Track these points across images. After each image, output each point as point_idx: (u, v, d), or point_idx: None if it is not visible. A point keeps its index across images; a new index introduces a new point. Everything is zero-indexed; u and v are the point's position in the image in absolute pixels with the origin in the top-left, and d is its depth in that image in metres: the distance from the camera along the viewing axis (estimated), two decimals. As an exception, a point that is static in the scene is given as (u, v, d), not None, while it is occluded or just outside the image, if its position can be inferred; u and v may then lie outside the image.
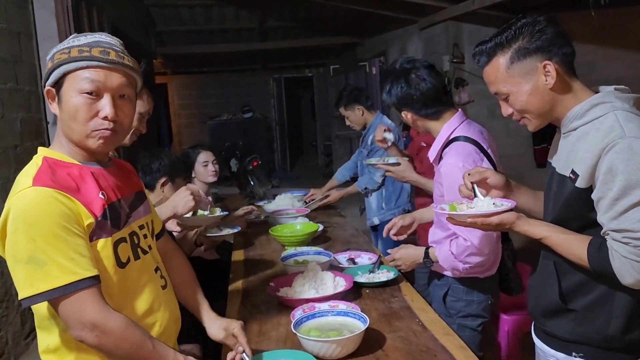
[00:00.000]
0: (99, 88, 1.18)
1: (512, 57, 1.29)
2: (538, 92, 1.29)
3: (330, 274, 1.95)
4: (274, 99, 11.53)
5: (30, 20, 3.56)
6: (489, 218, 1.31)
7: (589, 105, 1.25)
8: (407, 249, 1.99)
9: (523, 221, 1.31)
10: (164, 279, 1.39)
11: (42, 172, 1.14)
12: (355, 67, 8.16)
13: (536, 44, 1.27)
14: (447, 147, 1.88)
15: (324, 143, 11.23)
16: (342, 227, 3.04)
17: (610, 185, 1.16)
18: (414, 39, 6.39)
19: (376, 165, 2.60)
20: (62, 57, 1.17)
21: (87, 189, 1.18)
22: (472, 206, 1.36)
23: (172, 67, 10.40)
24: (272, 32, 8.71)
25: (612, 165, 1.16)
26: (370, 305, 1.83)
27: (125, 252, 1.25)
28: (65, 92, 1.18)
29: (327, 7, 6.92)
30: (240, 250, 2.72)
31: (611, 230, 1.19)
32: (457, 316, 1.92)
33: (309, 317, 1.60)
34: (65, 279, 1.09)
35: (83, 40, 1.20)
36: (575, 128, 1.28)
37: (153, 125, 7.32)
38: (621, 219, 1.16)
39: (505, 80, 1.32)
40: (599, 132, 1.21)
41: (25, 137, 3.27)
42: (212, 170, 3.11)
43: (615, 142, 1.16)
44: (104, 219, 1.19)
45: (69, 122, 1.19)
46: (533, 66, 1.28)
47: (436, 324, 1.66)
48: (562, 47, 1.27)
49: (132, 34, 6.06)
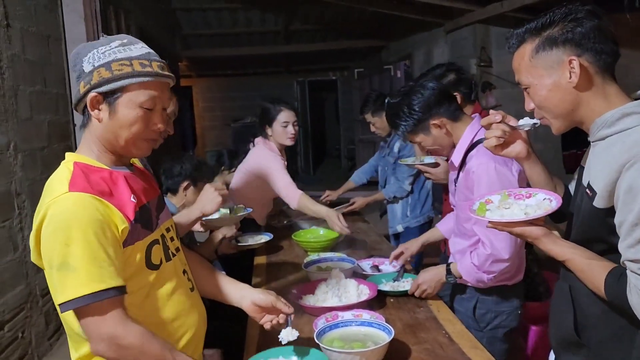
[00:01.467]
0: (156, 103, 1.22)
1: (539, 46, 1.16)
2: (559, 88, 1.15)
3: (354, 281, 1.90)
4: (297, 102, 11.51)
5: (59, 23, 3.61)
6: (511, 227, 1.20)
7: (620, 114, 1.10)
8: (426, 273, 1.92)
9: (549, 239, 1.18)
10: (191, 282, 1.40)
11: (76, 177, 1.15)
12: (379, 71, 8.10)
13: (566, 36, 1.13)
14: (470, 150, 1.83)
15: (348, 147, 11.18)
16: (365, 233, 3.00)
17: (632, 207, 1.01)
18: (440, 43, 6.30)
19: (414, 165, 2.55)
20: (124, 69, 1.17)
21: (120, 192, 1.19)
22: (507, 206, 1.26)
23: (197, 70, 10.49)
24: (297, 35, 8.71)
25: (633, 184, 1.01)
26: (395, 315, 1.78)
27: (158, 254, 1.26)
28: (122, 103, 1.19)
29: (352, 11, 6.89)
30: (262, 254, 2.69)
31: (628, 260, 1.04)
32: (488, 329, 1.86)
33: (332, 327, 1.56)
34: (93, 287, 1.08)
35: (135, 50, 1.21)
36: (604, 137, 1.13)
37: (177, 128, 7.38)
38: (638, 247, 1.01)
39: (528, 69, 1.19)
40: (624, 145, 1.06)
41: (53, 139, 3.31)
42: (291, 133, 2.85)
43: (638, 159, 1.01)
44: (136, 222, 1.19)
45: (119, 131, 1.21)
46: (559, 59, 1.14)
47: (463, 336, 1.61)
48: (598, 43, 1.12)
49: (158, 37, 6.13)
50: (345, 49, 9.02)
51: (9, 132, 2.78)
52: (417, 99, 1.83)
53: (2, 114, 2.72)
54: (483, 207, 1.28)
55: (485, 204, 1.30)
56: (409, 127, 1.86)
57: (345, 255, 2.33)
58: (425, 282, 1.90)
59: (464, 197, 1.84)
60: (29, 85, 3.06)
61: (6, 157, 2.75)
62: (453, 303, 1.99)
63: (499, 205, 1.28)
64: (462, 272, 1.82)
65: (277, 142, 2.89)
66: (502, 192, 1.32)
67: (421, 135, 1.87)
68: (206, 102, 11.29)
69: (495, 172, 1.70)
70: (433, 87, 1.85)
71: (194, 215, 1.81)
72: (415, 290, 1.91)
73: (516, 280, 1.84)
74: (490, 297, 1.84)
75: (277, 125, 2.84)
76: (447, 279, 1.87)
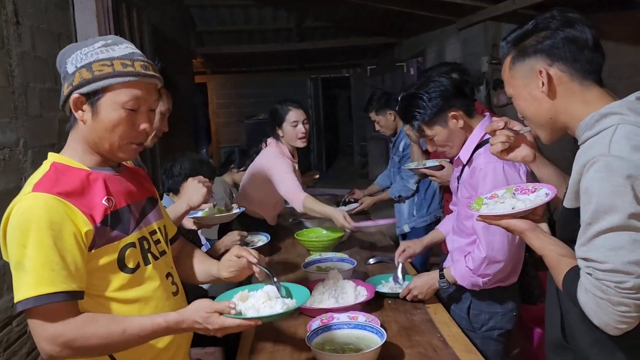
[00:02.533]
0: (140, 103, 1.21)
1: (515, 57, 1.19)
2: (535, 98, 1.17)
3: (352, 282, 1.90)
4: (311, 99, 11.52)
5: (70, 21, 3.65)
6: (498, 220, 1.21)
7: (599, 115, 1.09)
8: (419, 278, 1.92)
9: (533, 233, 1.18)
10: (176, 285, 1.38)
11: (45, 178, 1.15)
12: (392, 68, 8.07)
13: (536, 47, 1.15)
14: (479, 148, 1.81)
15: (360, 144, 11.15)
16: (369, 233, 2.98)
17: (587, 208, 1.02)
18: (452, 40, 6.25)
19: (419, 169, 2.53)
20: (105, 70, 1.17)
21: (92, 194, 1.18)
22: (502, 201, 1.27)
23: (211, 67, 10.54)
24: (310, 32, 8.70)
25: (589, 185, 1.02)
26: (391, 317, 1.78)
27: (135, 257, 1.24)
28: (104, 104, 1.18)
29: (365, 8, 6.85)
30: (265, 252, 2.70)
31: (580, 258, 1.05)
32: (481, 330, 1.85)
33: (325, 329, 1.56)
34: (41, 289, 1.07)
35: (118, 50, 1.20)
36: (585, 140, 1.12)
37: (192, 124, 7.43)
38: (589, 246, 1.01)
39: (509, 80, 1.22)
40: (595, 145, 1.06)
41: (63, 136, 3.35)
42: (302, 132, 2.75)
43: (595, 160, 1.02)
44: (104, 226, 1.17)
45: (103, 133, 1.20)
46: (531, 69, 1.16)
47: (458, 340, 1.60)
48: (570, 52, 1.12)
49: (172, 34, 6.17)
50: (358, 46, 8.98)
51: (18, 129, 2.82)
52: (436, 88, 1.80)
53: (12, 111, 2.76)
54: (480, 201, 1.30)
55: (482, 199, 1.31)
56: (427, 116, 1.81)
57: (347, 255, 2.32)
58: (416, 287, 1.89)
59: (467, 194, 1.82)
60: (39, 82, 3.10)
61: (16, 154, 2.79)
62: (449, 304, 1.98)
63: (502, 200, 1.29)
64: (456, 277, 1.81)
65: (289, 143, 2.82)
66: (510, 187, 1.34)
67: (437, 127, 1.83)
68: (221, 99, 11.34)
69: (502, 172, 1.69)
70: (452, 78, 1.82)
71: (181, 209, 1.81)
72: (406, 295, 1.90)
73: (510, 282, 1.82)
74: (483, 299, 1.83)
75: (287, 125, 2.77)
76: (440, 284, 1.86)
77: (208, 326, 1.17)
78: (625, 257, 0.96)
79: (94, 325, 1.11)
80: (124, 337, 1.13)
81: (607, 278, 0.98)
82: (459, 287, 1.88)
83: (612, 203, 0.98)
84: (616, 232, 0.98)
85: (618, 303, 0.97)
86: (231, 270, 1.41)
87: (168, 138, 5.65)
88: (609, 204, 0.98)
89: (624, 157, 0.99)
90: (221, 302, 1.22)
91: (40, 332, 1.09)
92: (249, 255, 1.38)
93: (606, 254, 0.98)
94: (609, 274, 0.97)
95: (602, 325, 1.01)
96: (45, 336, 1.09)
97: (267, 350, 1.59)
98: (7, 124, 2.68)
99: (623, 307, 0.97)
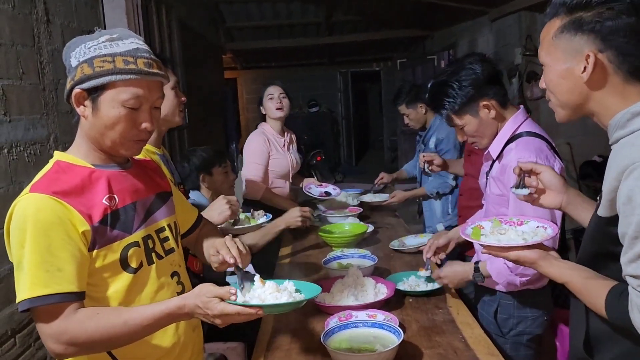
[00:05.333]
0: (141, 102, 1.18)
1: (565, 26, 1.05)
2: (571, 78, 1.06)
3: (372, 280, 1.87)
4: (340, 93, 11.47)
5: (100, 18, 3.71)
6: (506, 252, 1.17)
7: (631, 114, 1.00)
8: (453, 266, 1.84)
9: (546, 262, 1.12)
10: (182, 285, 1.35)
11: (44, 178, 1.15)
12: (423, 61, 7.93)
13: (594, 25, 1.01)
14: (510, 143, 1.74)
15: (390, 138, 11.04)
16: (394, 228, 2.94)
17: (631, 220, 0.92)
18: (484, 31, 6.09)
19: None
20: (105, 66, 1.14)
21: (93, 193, 1.17)
22: (503, 232, 1.22)
23: (241, 62, 10.61)
24: (339, 26, 8.64)
25: (631, 194, 0.92)
26: (412, 317, 1.73)
27: (138, 256, 1.22)
28: (104, 101, 1.16)
29: (395, 0, 6.76)
30: (288, 247, 2.69)
31: (629, 276, 0.96)
32: (510, 335, 1.78)
33: (342, 328, 1.53)
34: (36, 291, 1.06)
35: (122, 46, 1.16)
36: (618, 140, 1.03)
37: (221, 119, 7.50)
38: (639, 262, 0.93)
39: (549, 47, 1.10)
40: (632, 148, 0.96)
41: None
42: (277, 103, 2.99)
43: (636, 166, 0.92)
44: (102, 225, 1.15)
45: (104, 130, 1.18)
46: (579, 48, 1.03)
47: (480, 342, 1.54)
48: (627, 44, 1.00)
49: (201, 30, 6.22)
50: (388, 39, 8.87)
51: (49, 125, 2.89)
52: (467, 76, 1.73)
53: (43, 107, 2.83)
54: (477, 232, 1.26)
55: (479, 229, 1.28)
56: (457, 105, 1.74)
57: (369, 252, 2.29)
58: (447, 276, 1.83)
59: (498, 191, 1.75)
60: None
61: (47, 150, 2.86)
62: (477, 305, 1.92)
63: (492, 231, 1.26)
64: (492, 273, 1.72)
65: (270, 117, 3.07)
66: (492, 219, 1.31)
67: (468, 116, 1.76)
68: (250, 94, 11.40)
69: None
70: (484, 66, 1.74)
71: None
72: (437, 279, 1.86)
73: (540, 285, 1.75)
74: (511, 302, 1.76)
75: (265, 101, 3.06)
76: (475, 277, 1.78)
77: (207, 311, 1.12)
78: None
79: (96, 319, 1.09)
80: (126, 328, 1.10)
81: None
82: (487, 289, 1.82)
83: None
84: None
85: None
86: (215, 266, 1.38)
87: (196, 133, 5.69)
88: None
89: None
90: (223, 287, 1.14)
91: (44, 330, 1.10)
92: (227, 254, 1.30)
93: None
94: None
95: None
96: (49, 334, 1.09)
97: (283, 348, 1.58)
98: (38, 119, 2.75)
99: None
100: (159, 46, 4.42)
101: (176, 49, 4.86)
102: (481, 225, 1.31)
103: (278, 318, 1.78)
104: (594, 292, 1.03)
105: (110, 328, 1.10)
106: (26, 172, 2.64)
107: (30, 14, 2.74)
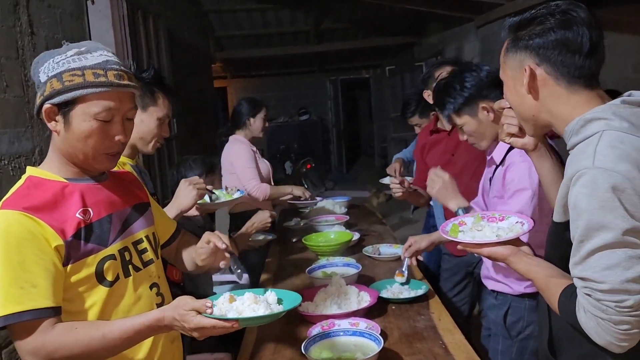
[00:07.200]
0: (113, 114, 1.18)
1: (509, 45, 1.13)
2: (518, 93, 1.13)
3: (355, 288, 1.88)
4: (330, 101, 11.51)
5: (85, 30, 3.71)
6: (480, 248, 1.20)
7: (583, 121, 1.04)
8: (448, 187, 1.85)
9: (516, 258, 1.16)
10: (161, 296, 1.34)
11: (15, 194, 1.15)
12: (411, 68, 7.99)
13: (526, 42, 1.09)
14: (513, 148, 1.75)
15: (381, 145, 11.08)
16: (380, 236, 2.95)
17: (577, 224, 0.97)
18: (471, 37, 6.16)
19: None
20: (75, 80, 1.13)
21: (66, 207, 1.16)
22: (480, 228, 1.25)
23: (231, 71, 10.63)
24: (329, 34, 8.69)
25: (576, 200, 0.97)
26: (394, 324, 1.75)
27: (114, 269, 1.21)
28: (76, 115, 1.15)
29: (383, 8, 6.81)
30: (275, 256, 2.70)
31: (576, 278, 1.00)
32: (518, 338, 1.78)
33: (323, 337, 1.54)
34: (10, 308, 1.05)
35: (91, 59, 1.16)
36: (573, 146, 1.06)
37: (212, 129, 7.49)
38: (584, 265, 0.97)
39: (502, 66, 1.17)
40: (581, 155, 1.00)
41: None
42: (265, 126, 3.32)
43: (581, 173, 0.97)
44: (76, 239, 1.14)
45: (76, 144, 1.17)
46: (520, 63, 1.11)
47: (460, 347, 1.55)
48: (559, 56, 1.05)
49: (190, 39, 6.23)
50: (377, 46, 8.94)
51: (34, 138, 2.88)
52: (470, 77, 1.78)
53: (28, 120, 2.83)
54: (456, 229, 1.28)
55: (458, 226, 1.31)
56: (457, 105, 1.79)
57: (354, 260, 2.30)
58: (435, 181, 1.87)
59: (498, 193, 1.77)
60: (54, 91, 3.16)
61: (31, 163, 2.85)
62: (485, 309, 1.93)
63: (471, 227, 1.28)
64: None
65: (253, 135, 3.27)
66: (475, 215, 1.34)
67: (467, 116, 1.80)
68: (240, 103, 11.40)
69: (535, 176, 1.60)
70: (488, 70, 1.79)
71: (171, 214, 1.77)
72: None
73: None
74: (523, 304, 1.75)
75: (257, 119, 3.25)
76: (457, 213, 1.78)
77: (184, 324, 1.12)
78: (623, 275, 0.93)
79: (74, 334, 1.09)
80: (104, 342, 1.10)
81: (606, 298, 0.94)
82: (496, 293, 1.83)
83: (602, 219, 0.94)
84: (610, 250, 0.94)
85: (620, 322, 0.94)
86: (203, 257, 1.40)
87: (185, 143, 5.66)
88: (599, 221, 0.94)
89: (609, 168, 0.94)
90: (200, 300, 1.14)
91: (21, 347, 1.09)
92: (218, 240, 1.36)
93: (602, 273, 0.94)
94: (608, 294, 0.94)
95: (606, 344, 0.97)
96: (27, 350, 1.08)
97: (267, 358, 1.59)
98: (22, 133, 2.74)
99: (625, 325, 0.94)
100: (147, 56, 4.40)
101: (164, 59, 4.86)
102: (463, 222, 1.34)
103: (262, 328, 1.79)
104: (554, 290, 1.07)
105: (89, 342, 1.10)
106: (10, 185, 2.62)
107: (14, 26, 2.74)
